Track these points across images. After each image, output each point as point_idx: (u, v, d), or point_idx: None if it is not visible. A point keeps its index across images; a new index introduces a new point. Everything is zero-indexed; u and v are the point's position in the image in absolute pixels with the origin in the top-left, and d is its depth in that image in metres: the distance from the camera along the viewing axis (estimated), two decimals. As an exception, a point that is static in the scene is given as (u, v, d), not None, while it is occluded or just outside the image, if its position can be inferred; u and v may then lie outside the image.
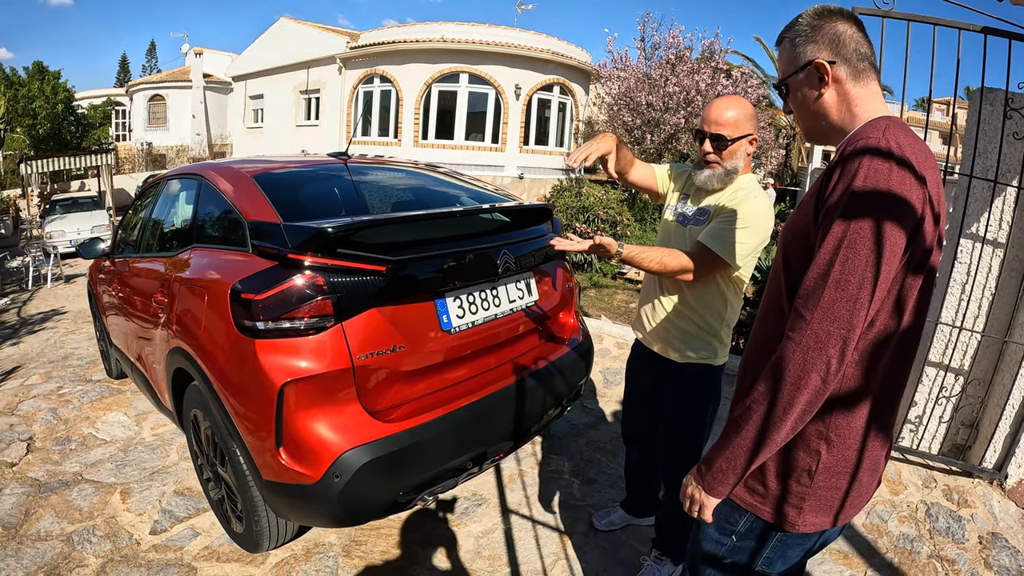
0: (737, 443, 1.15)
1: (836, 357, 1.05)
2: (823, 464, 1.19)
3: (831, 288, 1.05)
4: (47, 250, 11.93)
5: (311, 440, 1.93)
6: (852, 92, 1.22)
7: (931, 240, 1.09)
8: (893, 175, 1.03)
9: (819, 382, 1.06)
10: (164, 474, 3.12)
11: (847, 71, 1.21)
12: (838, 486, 1.21)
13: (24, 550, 2.51)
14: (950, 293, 3.26)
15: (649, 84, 13.86)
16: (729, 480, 1.18)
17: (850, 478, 1.21)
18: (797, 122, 1.34)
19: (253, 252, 2.19)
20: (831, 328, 1.05)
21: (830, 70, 1.21)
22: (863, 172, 1.05)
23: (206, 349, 2.23)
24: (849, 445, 1.19)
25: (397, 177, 3.27)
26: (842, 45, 1.21)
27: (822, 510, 1.22)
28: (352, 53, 18.64)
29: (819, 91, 1.24)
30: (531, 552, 2.56)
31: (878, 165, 1.04)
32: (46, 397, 4.20)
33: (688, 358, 2.11)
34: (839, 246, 1.05)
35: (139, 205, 3.85)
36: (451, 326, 2.26)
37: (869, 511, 2.89)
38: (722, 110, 1.97)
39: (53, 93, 25.07)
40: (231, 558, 2.48)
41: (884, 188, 1.03)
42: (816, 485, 1.20)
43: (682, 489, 1.29)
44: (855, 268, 1.03)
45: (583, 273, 9.42)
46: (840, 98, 1.23)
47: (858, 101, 1.22)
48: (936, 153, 6.06)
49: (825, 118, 1.26)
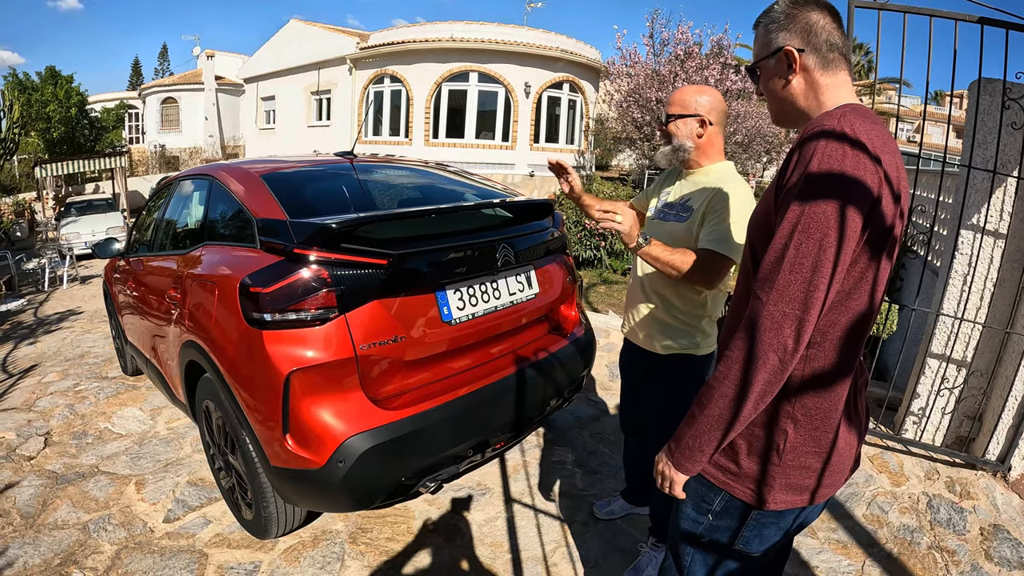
0: (702, 421, 1.18)
1: (792, 338, 1.08)
2: (790, 442, 1.22)
3: (785, 271, 1.08)
4: (63, 252, 12.10)
5: (316, 427, 2.00)
6: (820, 80, 1.24)
7: (891, 219, 1.11)
8: (847, 158, 1.06)
9: (776, 362, 1.09)
10: (177, 466, 3.21)
11: (816, 60, 1.23)
12: (808, 464, 1.23)
13: (41, 538, 2.60)
14: (951, 284, 3.27)
15: (658, 81, 13.81)
16: (696, 457, 1.22)
17: (822, 457, 1.23)
18: (768, 106, 1.36)
19: (261, 248, 2.26)
20: (786, 310, 1.07)
21: (798, 58, 1.24)
22: (817, 156, 1.07)
23: (217, 341, 2.31)
24: (816, 425, 1.21)
25: (402, 175, 3.33)
26: (813, 34, 1.23)
27: (793, 488, 1.24)
28: (362, 53, 18.76)
29: (787, 78, 1.26)
30: (532, 539, 2.62)
31: (832, 149, 1.07)
32: (63, 394, 4.31)
33: (670, 349, 2.15)
34: (793, 230, 1.08)
35: (153, 206, 3.95)
36: (451, 318, 2.32)
37: (870, 502, 2.91)
38: (675, 92, 2.08)
39: (66, 97, 25.32)
40: (241, 544, 2.56)
41: (838, 171, 1.05)
42: (785, 463, 1.23)
43: (654, 466, 1.33)
44: (809, 251, 1.06)
45: (593, 269, 9.46)
46: (807, 85, 1.25)
47: (825, 89, 1.24)
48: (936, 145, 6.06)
49: (792, 104, 1.29)
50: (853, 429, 1.28)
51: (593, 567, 2.46)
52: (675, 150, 2.07)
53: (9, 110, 19.60)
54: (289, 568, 2.41)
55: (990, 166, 3.04)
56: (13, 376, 4.91)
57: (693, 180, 2.10)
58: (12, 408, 4.06)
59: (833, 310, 1.15)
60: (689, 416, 1.23)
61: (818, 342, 1.17)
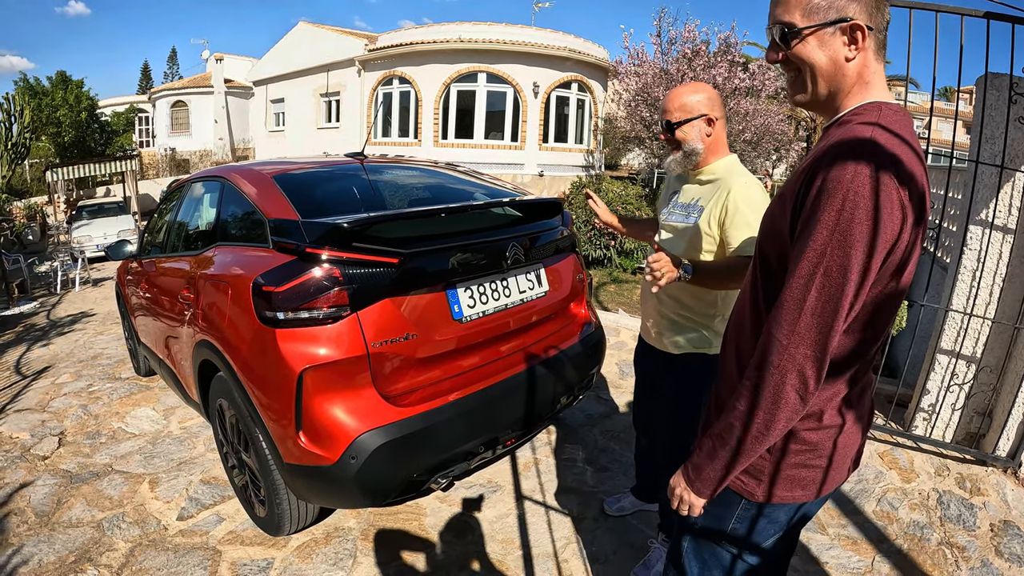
0: (722, 455, 1.17)
1: (813, 377, 1.06)
2: (790, 439, 1.19)
3: (807, 315, 1.04)
4: (75, 255, 12.19)
5: (329, 424, 2.03)
6: (872, 67, 1.12)
7: (911, 244, 1.06)
8: (877, 195, 0.99)
9: (797, 401, 1.07)
10: (191, 464, 3.25)
11: (875, 43, 1.11)
12: (804, 463, 1.21)
13: (56, 536, 2.65)
14: (960, 280, 3.26)
15: (667, 79, 13.80)
16: (716, 486, 1.21)
17: (822, 455, 1.21)
18: (791, 82, 1.21)
19: (274, 248, 2.29)
20: (807, 352, 1.05)
21: (866, 36, 1.09)
22: (841, 194, 1.00)
23: (230, 340, 2.35)
24: (817, 424, 1.19)
25: (412, 175, 3.36)
26: (880, 13, 1.10)
27: (788, 484, 1.22)
28: (371, 55, 18.82)
29: (843, 56, 1.11)
30: (543, 536, 2.64)
31: (859, 187, 0.99)
32: (76, 394, 4.36)
33: (682, 348, 2.16)
34: (814, 271, 1.03)
35: (164, 208, 3.99)
36: (462, 315, 2.35)
37: (880, 498, 2.91)
38: (670, 98, 2.06)
39: (76, 102, 25.51)
40: (254, 541, 2.59)
41: (863, 215, 0.99)
42: (786, 460, 1.21)
43: (670, 489, 1.31)
44: (830, 294, 1.02)
45: (603, 268, 9.48)
46: (859, 70, 1.12)
47: (873, 78, 1.12)
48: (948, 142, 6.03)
49: (838, 86, 1.14)
50: (856, 428, 1.25)
51: (603, 563, 2.48)
52: (687, 155, 2.06)
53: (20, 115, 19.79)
54: (302, 564, 2.44)
55: (998, 161, 3.03)
56: (27, 377, 4.97)
57: (700, 179, 2.11)
58: (26, 409, 4.12)
59: (846, 330, 1.11)
60: (710, 449, 1.20)
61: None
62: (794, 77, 1.19)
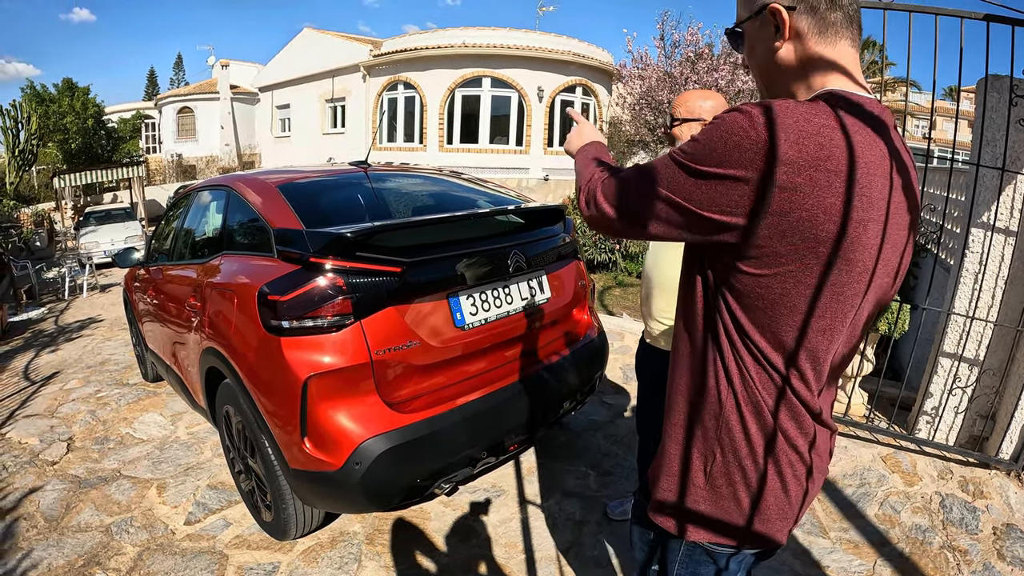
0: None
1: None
2: (717, 467, 1.03)
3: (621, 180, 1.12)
4: (82, 261, 12.28)
5: (333, 430, 2.06)
6: (813, 50, 0.97)
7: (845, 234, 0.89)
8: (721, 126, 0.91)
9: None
10: (198, 469, 3.28)
11: (810, 22, 0.96)
12: (737, 497, 1.03)
13: (65, 540, 2.68)
14: (963, 282, 3.27)
15: (670, 83, 13.81)
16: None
17: (751, 492, 1.02)
18: (756, 83, 1.11)
19: (278, 257, 2.33)
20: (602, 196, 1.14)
21: (788, 18, 0.96)
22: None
23: (236, 348, 2.38)
24: (747, 453, 1.02)
25: (415, 183, 3.40)
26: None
27: (719, 523, 1.05)
28: (375, 61, 18.91)
29: (773, 44, 1.00)
30: (546, 540, 2.66)
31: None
32: (85, 400, 4.41)
33: None
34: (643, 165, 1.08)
35: (171, 215, 4.04)
36: (465, 323, 2.37)
37: (882, 501, 2.92)
38: (680, 96, 2.14)
39: (83, 108, 25.69)
40: (261, 546, 2.62)
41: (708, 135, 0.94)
42: (711, 489, 1.05)
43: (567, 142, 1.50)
44: (647, 177, 1.04)
45: (608, 272, 9.49)
46: (797, 56, 0.99)
47: (816, 64, 0.97)
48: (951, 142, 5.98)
49: (781, 79, 1.03)
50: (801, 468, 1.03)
51: (606, 567, 2.50)
52: None
53: (27, 121, 19.94)
54: (308, 568, 2.47)
55: (999, 163, 3.04)
56: (35, 383, 5.03)
57: None
58: (35, 414, 4.17)
59: (765, 320, 0.95)
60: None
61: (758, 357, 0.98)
62: (755, 81, 1.11)
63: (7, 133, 19.38)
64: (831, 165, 0.85)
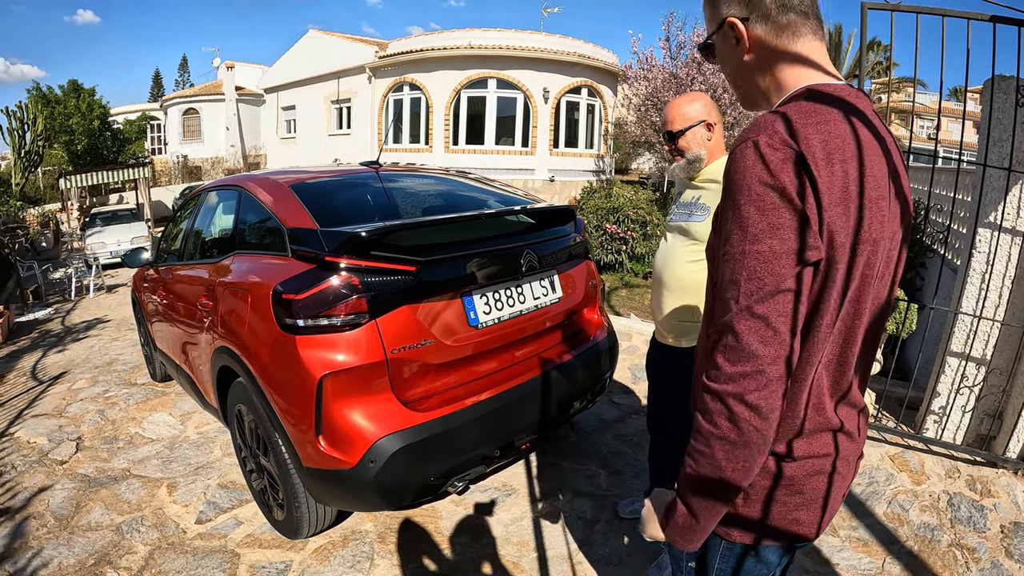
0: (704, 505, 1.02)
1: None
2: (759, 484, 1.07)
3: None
4: (88, 261, 12.31)
5: (348, 428, 2.08)
6: (776, 51, 1.01)
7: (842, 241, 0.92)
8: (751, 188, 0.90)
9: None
10: (208, 469, 3.30)
11: (766, 28, 1.00)
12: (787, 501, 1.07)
13: (75, 539, 2.70)
14: (970, 282, 3.28)
15: (676, 84, 13.82)
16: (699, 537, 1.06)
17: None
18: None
19: (292, 256, 2.35)
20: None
21: (744, 30, 1.01)
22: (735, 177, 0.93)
23: (250, 347, 2.40)
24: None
25: (426, 183, 3.42)
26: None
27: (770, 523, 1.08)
28: (381, 62, 18.91)
29: (740, 57, 1.04)
30: (557, 538, 2.67)
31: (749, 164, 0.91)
32: (93, 400, 4.43)
33: (694, 341, 2.20)
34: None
35: (180, 216, 4.06)
36: (478, 322, 2.39)
37: (891, 500, 2.93)
38: (669, 109, 2.15)
39: (89, 110, 25.79)
40: (272, 544, 2.64)
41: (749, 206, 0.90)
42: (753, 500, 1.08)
43: (640, 523, 1.17)
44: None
45: (615, 273, 9.51)
46: (763, 61, 1.02)
47: (783, 63, 1.01)
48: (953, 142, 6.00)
49: (755, 86, 1.07)
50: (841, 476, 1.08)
51: (617, 565, 2.51)
52: (691, 162, 2.15)
53: (33, 123, 20.06)
54: (320, 567, 2.49)
55: (1005, 164, 3.05)
56: (43, 383, 5.05)
57: (702, 180, 2.18)
58: (43, 414, 4.19)
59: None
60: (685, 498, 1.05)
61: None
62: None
63: (13, 134, 19.49)
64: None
